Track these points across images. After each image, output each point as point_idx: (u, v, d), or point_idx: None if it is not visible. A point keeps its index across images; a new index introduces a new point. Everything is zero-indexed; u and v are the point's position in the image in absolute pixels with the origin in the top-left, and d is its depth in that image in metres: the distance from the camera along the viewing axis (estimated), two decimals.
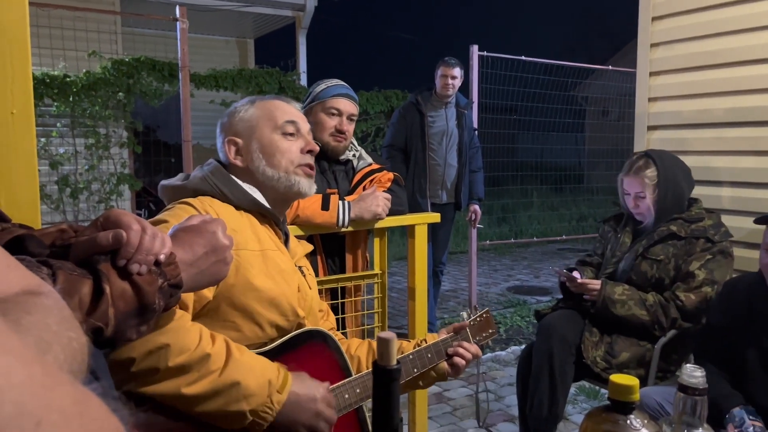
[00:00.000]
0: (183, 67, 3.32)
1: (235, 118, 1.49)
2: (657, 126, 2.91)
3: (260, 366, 1.19)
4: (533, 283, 6.47)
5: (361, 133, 7.62)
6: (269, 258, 1.34)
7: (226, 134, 1.49)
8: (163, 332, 1.09)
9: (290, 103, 1.53)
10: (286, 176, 1.45)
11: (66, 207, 5.86)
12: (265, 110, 1.48)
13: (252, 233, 1.36)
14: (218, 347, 1.15)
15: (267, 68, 7.18)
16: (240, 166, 1.46)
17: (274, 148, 1.45)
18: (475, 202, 4.58)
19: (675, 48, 2.83)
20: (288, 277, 1.37)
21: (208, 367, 1.12)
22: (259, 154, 1.45)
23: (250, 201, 1.40)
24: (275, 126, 1.46)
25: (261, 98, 1.52)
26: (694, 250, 2.33)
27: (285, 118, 1.47)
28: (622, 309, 2.34)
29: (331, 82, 2.34)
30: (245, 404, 1.14)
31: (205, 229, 1.02)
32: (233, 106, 1.55)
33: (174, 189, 1.44)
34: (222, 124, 1.53)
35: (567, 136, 9.28)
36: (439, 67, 4.29)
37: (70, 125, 5.87)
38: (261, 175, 1.44)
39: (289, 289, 1.35)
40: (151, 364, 1.08)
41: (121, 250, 0.85)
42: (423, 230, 2.35)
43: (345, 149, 2.32)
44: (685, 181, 2.44)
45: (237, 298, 1.26)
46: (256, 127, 1.46)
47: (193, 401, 1.11)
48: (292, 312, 1.34)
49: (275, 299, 1.31)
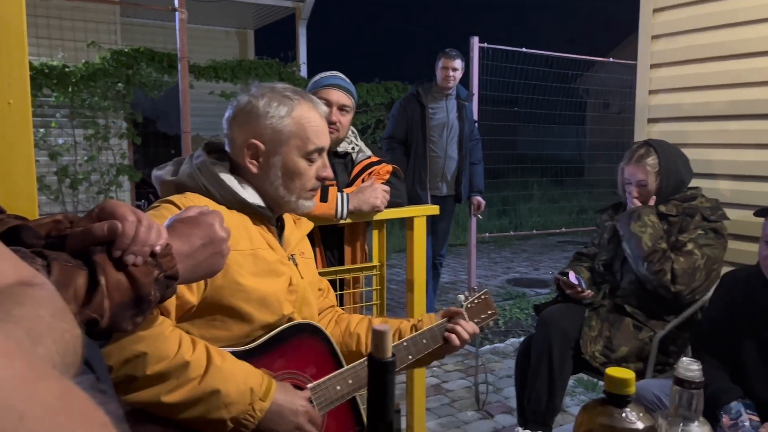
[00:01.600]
0: (182, 57, 3.30)
1: (266, 121, 1.36)
2: (657, 119, 2.90)
3: (242, 373, 1.17)
4: (533, 276, 6.48)
5: (361, 125, 7.60)
6: (260, 258, 1.33)
7: (248, 132, 1.37)
8: (141, 339, 1.07)
9: (321, 112, 1.43)
10: (295, 200, 1.41)
11: (65, 198, 5.86)
12: (299, 127, 1.37)
13: (244, 232, 1.33)
14: (198, 354, 1.14)
15: (267, 59, 7.16)
16: (253, 172, 1.38)
17: (296, 173, 1.39)
18: (476, 194, 4.58)
19: (676, 40, 2.82)
20: (278, 275, 1.35)
21: (188, 375, 1.11)
22: (279, 173, 1.38)
23: (239, 202, 1.35)
24: (303, 150, 1.38)
25: (298, 102, 1.38)
26: (688, 227, 2.34)
27: (316, 144, 1.39)
28: (638, 227, 2.34)
29: (327, 73, 2.32)
30: (225, 412, 1.13)
31: (203, 220, 1.01)
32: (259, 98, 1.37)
33: (163, 183, 1.41)
34: (246, 113, 1.37)
35: (567, 129, 9.26)
36: (440, 59, 4.27)
37: (69, 116, 5.85)
38: (273, 190, 1.39)
39: (279, 288, 1.34)
40: (129, 372, 1.07)
41: (116, 241, 0.85)
42: (422, 222, 2.35)
43: (339, 141, 2.30)
44: (684, 167, 2.44)
45: (226, 299, 1.25)
46: (285, 144, 1.37)
47: (173, 409, 1.11)
48: (281, 310, 1.33)
49: (265, 299, 1.30)
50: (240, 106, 1.40)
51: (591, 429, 0.77)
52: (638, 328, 2.39)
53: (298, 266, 1.48)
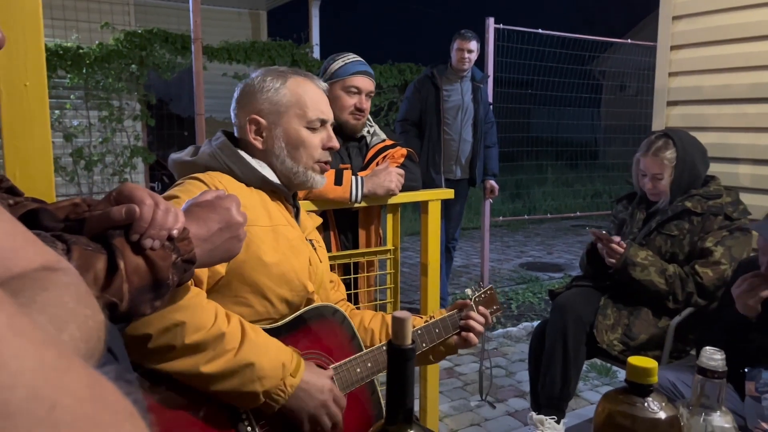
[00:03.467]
0: (195, 39, 3.29)
1: (263, 96, 1.41)
2: (677, 101, 2.85)
3: (275, 348, 1.19)
4: (546, 260, 6.45)
5: (374, 108, 7.55)
6: (280, 233, 1.34)
7: (248, 110, 1.42)
8: (180, 309, 1.09)
9: (319, 86, 1.47)
10: (304, 171, 1.43)
11: (80, 179, 5.91)
12: (297, 97, 1.41)
13: (263, 209, 1.35)
14: (233, 327, 1.15)
15: (280, 41, 7.12)
16: (259, 147, 1.42)
17: (299, 142, 1.41)
18: (490, 177, 4.54)
19: (697, 21, 2.76)
20: (298, 252, 1.36)
21: (224, 347, 1.12)
22: (282, 143, 1.41)
23: (260, 179, 1.38)
24: (304, 119, 1.41)
25: (293, 75, 1.43)
26: (712, 227, 2.30)
27: (316, 114, 1.42)
28: (641, 273, 2.32)
29: (348, 57, 2.30)
30: (259, 385, 1.14)
31: (220, 204, 1.01)
32: (258, 75, 1.44)
33: (183, 164, 1.42)
34: (244, 94, 1.44)
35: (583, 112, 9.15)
36: (455, 41, 4.21)
37: (84, 97, 5.88)
38: (280, 163, 1.42)
39: (299, 264, 1.35)
40: (168, 341, 1.08)
41: (134, 224, 0.85)
42: (436, 206, 2.33)
43: (363, 127, 2.30)
44: (702, 162, 2.39)
45: (248, 273, 1.26)
46: (285, 114, 1.40)
47: (209, 380, 1.12)
48: (302, 287, 1.34)
49: (285, 274, 1.30)
50: (240, 91, 1.46)
51: (612, 417, 0.77)
52: (657, 316, 2.37)
53: (316, 250, 1.50)
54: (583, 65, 6.61)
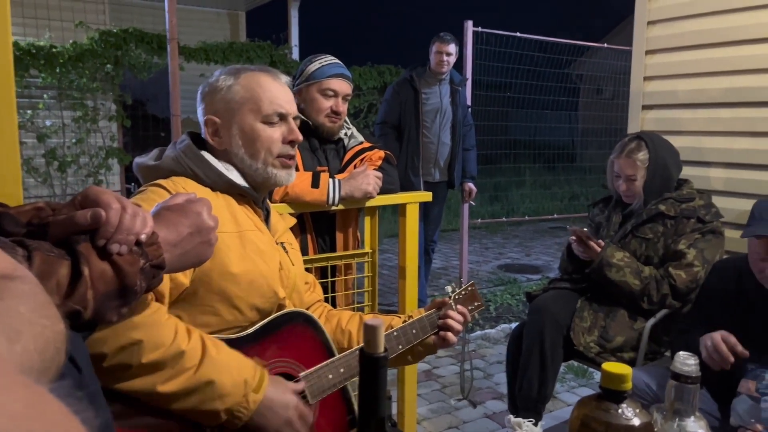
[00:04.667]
0: (171, 39, 3.24)
1: (218, 95, 1.38)
2: (652, 105, 2.88)
3: (236, 364, 1.15)
4: (524, 261, 6.49)
5: (353, 109, 7.54)
6: (247, 239, 1.31)
7: (205, 111, 1.40)
8: (137, 327, 1.05)
9: (278, 79, 1.42)
10: (264, 168, 1.39)
11: (54, 181, 5.80)
12: (250, 92, 1.37)
13: (229, 214, 1.31)
14: (194, 344, 1.12)
15: (258, 42, 7.07)
16: (218, 148, 1.39)
17: (255, 137, 1.37)
18: (469, 180, 4.56)
19: (672, 26, 2.79)
20: (268, 257, 1.33)
21: (183, 365, 1.09)
22: (239, 141, 1.37)
23: (226, 182, 1.35)
24: (259, 113, 1.37)
25: (246, 71, 1.40)
26: (684, 230, 2.33)
27: (272, 108, 1.37)
28: (616, 274, 2.34)
29: (325, 59, 2.28)
30: (220, 403, 1.11)
31: (190, 208, 0.99)
32: (215, 75, 1.42)
33: (147, 169, 1.38)
34: (203, 95, 1.42)
35: (560, 115, 9.23)
36: (433, 43, 4.22)
37: (57, 97, 5.76)
38: (240, 162, 1.38)
39: (268, 270, 1.32)
40: (124, 360, 1.04)
41: (100, 229, 0.82)
42: (414, 209, 2.33)
43: (339, 129, 2.28)
44: (674, 163, 2.43)
45: (215, 282, 1.23)
46: (238, 111, 1.37)
47: (168, 399, 1.09)
48: (272, 293, 1.31)
49: (254, 281, 1.28)
50: (201, 93, 1.43)
51: (587, 424, 0.76)
52: (633, 318, 2.39)
53: (288, 253, 1.47)
54: (561, 69, 6.67)
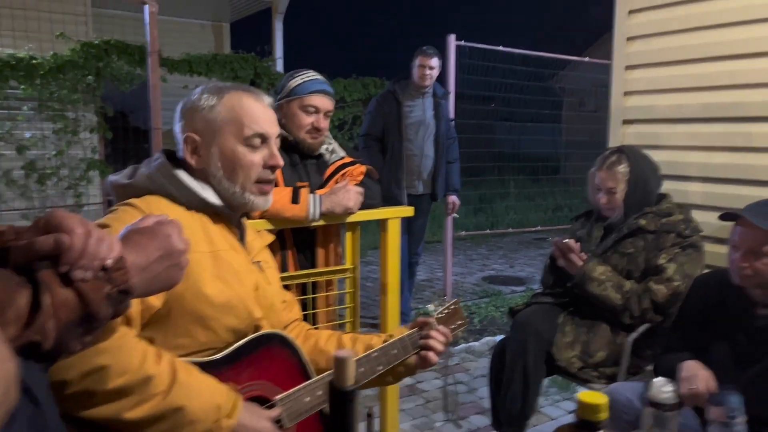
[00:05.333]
0: (152, 52, 3.22)
1: (198, 113, 1.35)
2: (632, 120, 2.91)
3: (208, 389, 1.13)
4: (508, 273, 6.50)
5: (338, 121, 7.54)
6: (221, 259, 1.28)
7: (185, 128, 1.37)
8: (102, 352, 1.02)
9: (261, 100, 1.39)
10: (241, 193, 1.36)
11: (33, 193, 5.71)
12: (232, 113, 1.34)
13: (203, 234, 1.29)
14: (163, 368, 1.09)
15: (242, 53, 7.05)
16: (196, 167, 1.36)
17: (235, 161, 1.34)
18: (452, 192, 4.56)
19: (651, 42, 2.82)
20: (243, 277, 1.31)
21: (151, 391, 1.06)
22: (218, 162, 1.34)
23: (200, 201, 1.32)
24: (241, 136, 1.34)
25: (229, 90, 1.37)
26: (665, 244, 2.34)
27: (253, 129, 1.34)
28: (597, 288, 2.34)
29: (307, 75, 2.26)
30: (190, 430, 1.08)
31: (160, 231, 0.97)
32: (196, 92, 1.39)
33: (121, 188, 1.35)
34: (182, 112, 1.39)
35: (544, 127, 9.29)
36: (416, 57, 4.23)
37: (38, 109, 5.69)
38: (217, 183, 1.35)
39: (244, 290, 1.30)
40: (88, 386, 1.01)
41: (63, 255, 0.80)
42: (396, 224, 2.32)
43: (321, 145, 2.27)
44: (654, 177, 2.45)
45: (188, 303, 1.20)
46: (219, 132, 1.34)
47: (135, 426, 1.06)
48: (247, 314, 1.29)
49: (229, 302, 1.25)
50: (180, 109, 1.40)
51: None
52: (615, 333, 2.39)
53: (265, 272, 1.45)
54: (544, 82, 6.72)
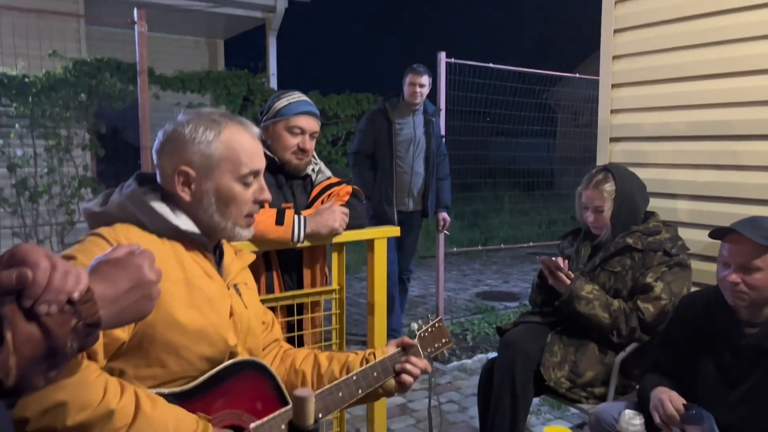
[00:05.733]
0: (141, 71, 3.22)
1: (194, 147, 1.31)
2: (619, 138, 2.92)
3: (174, 420, 1.11)
4: (502, 288, 6.49)
5: (331, 137, 7.55)
6: (195, 287, 1.27)
7: (177, 160, 1.32)
8: (62, 388, 1.01)
9: (251, 132, 1.39)
10: (232, 227, 1.36)
11: (24, 211, 5.68)
12: (230, 150, 1.33)
13: (176, 261, 1.28)
14: (125, 401, 1.08)
15: (236, 70, 7.07)
16: (186, 200, 1.33)
17: (230, 198, 1.34)
18: (443, 209, 4.56)
19: (637, 61, 2.84)
20: (217, 305, 1.30)
21: (113, 425, 1.05)
22: (211, 198, 1.33)
23: (172, 230, 1.30)
24: (237, 173, 1.33)
25: (226, 125, 1.34)
26: (652, 263, 2.34)
27: (249, 167, 1.34)
28: (585, 306, 2.33)
29: (293, 96, 2.26)
30: None
31: (131, 262, 0.96)
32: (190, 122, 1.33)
33: (92, 216, 1.33)
34: (172, 141, 1.33)
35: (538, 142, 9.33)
36: (407, 75, 4.25)
37: (30, 127, 5.68)
38: (207, 217, 1.34)
39: (217, 318, 1.29)
40: (48, 423, 1.00)
41: (26, 290, 0.79)
42: (382, 244, 2.31)
43: (306, 166, 2.27)
44: (641, 196, 2.46)
45: (159, 333, 1.19)
46: (217, 168, 1.32)
47: None
48: (222, 342, 1.28)
49: (202, 330, 1.24)
50: (167, 134, 1.35)
51: None
52: (603, 352, 2.38)
53: (241, 295, 1.43)
54: (535, 98, 6.74)
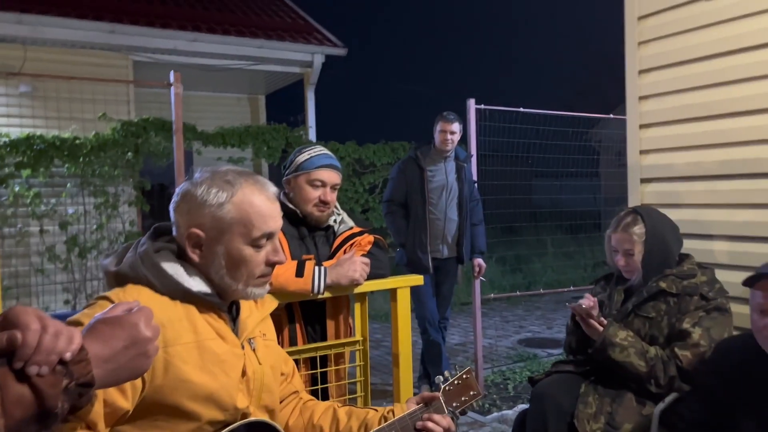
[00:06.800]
0: (177, 129, 3.37)
1: (205, 209, 1.30)
2: (650, 179, 2.85)
3: None
4: (545, 335, 6.30)
5: (368, 185, 7.66)
6: (206, 349, 1.27)
7: (189, 222, 1.32)
8: None
9: (267, 192, 1.37)
10: (243, 288, 1.35)
11: (74, 267, 5.90)
12: (242, 213, 1.31)
13: (188, 323, 1.27)
14: None
15: (274, 124, 7.30)
16: (196, 261, 1.33)
17: (241, 262, 1.32)
18: (478, 255, 4.51)
19: (664, 100, 2.79)
20: (228, 367, 1.29)
21: None
22: (222, 261, 1.32)
23: (182, 292, 1.29)
24: (249, 237, 1.32)
25: (240, 186, 1.33)
26: (688, 308, 2.24)
27: (262, 230, 1.32)
28: (620, 354, 2.23)
29: (314, 150, 2.31)
30: None
31: (126, 320, 0.98)
32: (204, 182, 1.32)
33: (108, 275, 1.34)
34: (186, 201, 1.33)
35: (581, 184, 9.19)
36: (437, 122, 4.29)
37: (80, 185, 5.97)
38: (218, 279, 1.33)
39: (229, 380, 1.28)
40: None
41: (17, 351, 0.81)
42: (405, 294, 2.29)
43: (328, 218, 2.29)
44: (673, 237, 2.37)
45: (168, 398, 1.19)
46: (228, 232, 1.31)
47: None
48: (231, 406, 1.27)
49: (213, 395, 1.24)
50: (181, 194, 1.35)
51: None
52: (642, 403, 2.26)
53: (256, 350, 1.42)
54: (576, 139, 6.65)
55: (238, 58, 7.81)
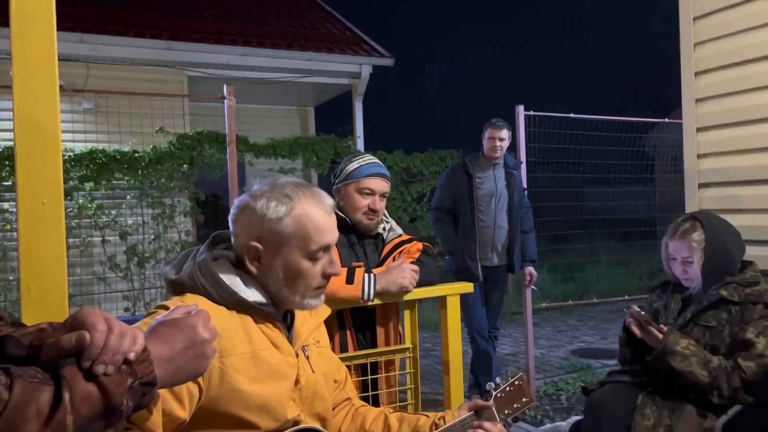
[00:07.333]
0: (230, 141, 3.47)
1: (264, 223, 1.32)
2: (708, 183, 2.76)
3: None
4: (599, 345, 6.14)
5: (417, 194, 7.67)
6: (260, 359, 1.29)
7: (248, 234, 1.34)
8: None
9: (324, 205, 1.38)
10: (300, 300, 1.37)
11: (133, 276, 6.12)
12: (300, 226, 1.32)
13: (243, 334, 1.29)
14: None
15: (323, 135, 7.43)
16: (254, 273, 1.35)
17: (299, 274, 1.34)
18: (529, 264, 4.44)
19: (722, 102, 2.71)
20: (281, 377, 1.31)
21: None
22: (280, 274, 1.34)
23: (238, 302, 1.31)
24: (307, 250, 1.33)
25: (298, 200, 1.34)
26: (751, 316, 2.15)
27: (320, 243, 1.34)
28: (681, 363, 2.15)
29: (364, 159, 2.33)
30: None
31: (185, 323, 1.01)
32: (263, 195, 1.34)
33: (168, 283, 1.38)
34: (246, 214, 1.34)
35: (635, 190, 8.96)
36: (486, 129, 4.26)
37: (139, 197, 6.20)
38: (276, 290, 1.35)
39: (282, 390, 1.30)
40: None
41: (84, 351, 0.86)
42: (455, 301, 2.28)
43: (377, 226, 2.31)
44: (735, 244, 2.28)
45: (223, 408, 1.21)
46: (286, 245, 1.33)
47: None
48: (283, 416, 1.30)
49: (266, 405, 1.26)
50: (240, 206, 1.37)
51: None
52: (703, 416, 2.18)
53: (309, 358, 1.44)
54: (629, 145, 6.50)
55: (288, 71, 7.98)
